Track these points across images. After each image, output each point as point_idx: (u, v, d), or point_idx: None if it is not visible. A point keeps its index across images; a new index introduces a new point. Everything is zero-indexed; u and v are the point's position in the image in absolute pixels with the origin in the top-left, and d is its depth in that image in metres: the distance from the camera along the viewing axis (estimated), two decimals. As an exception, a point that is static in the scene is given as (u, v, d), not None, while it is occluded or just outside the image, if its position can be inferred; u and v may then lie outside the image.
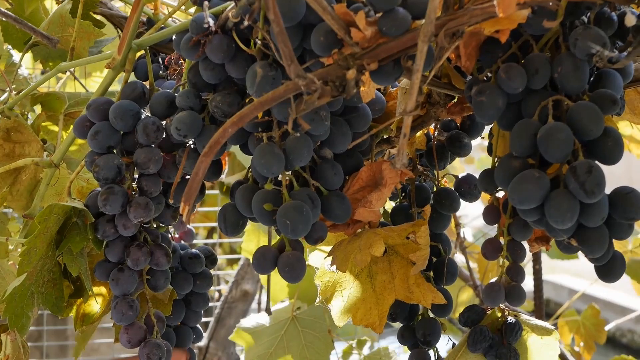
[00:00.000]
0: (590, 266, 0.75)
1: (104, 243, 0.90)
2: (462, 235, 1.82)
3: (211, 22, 0.75)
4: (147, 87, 0.91)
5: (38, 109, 1.25)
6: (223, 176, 1.87)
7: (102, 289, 0.99)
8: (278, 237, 0.83)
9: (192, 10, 1.05)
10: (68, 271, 0.91)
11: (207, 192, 2.77)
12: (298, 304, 1.46)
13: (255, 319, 1.45)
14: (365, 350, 1.89)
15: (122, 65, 0.90)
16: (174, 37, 0.85)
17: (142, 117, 0.87)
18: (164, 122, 0.87)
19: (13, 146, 1.14)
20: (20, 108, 1.15)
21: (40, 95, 1.18)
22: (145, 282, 0.92)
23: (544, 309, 1.89)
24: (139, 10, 0.87)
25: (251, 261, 0.88)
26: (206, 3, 0.74)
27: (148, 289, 0.92)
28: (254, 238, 1.75)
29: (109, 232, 0.88)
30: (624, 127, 1.67)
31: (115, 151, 0.88)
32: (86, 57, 1.34)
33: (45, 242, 0.87)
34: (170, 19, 0.99)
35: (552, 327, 0.88)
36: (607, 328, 2.24)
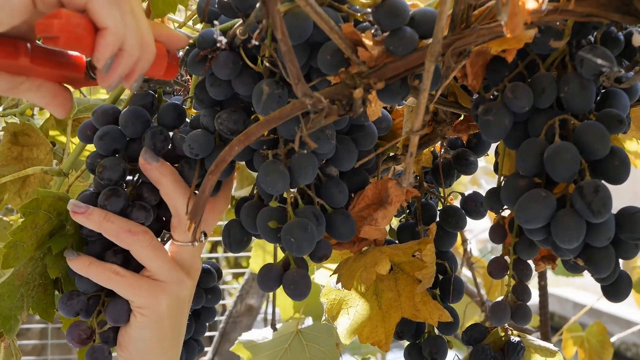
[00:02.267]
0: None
1: (85, 243, 0.89)
2: (468, 251, 1.81)
3: (219, 39, 0.75)
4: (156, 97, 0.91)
5: (46, 113, 1.26)
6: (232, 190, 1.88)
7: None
8: (283, 255, 0.83)
9: (199, 26, 1.05)
10: (59, 279, 0.90)
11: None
12: (304, 319, 1.46)
13: (259, 333, 1.45)
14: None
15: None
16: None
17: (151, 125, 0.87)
18: (170, 133, 0.87)
19: (21, 149, 1.14)
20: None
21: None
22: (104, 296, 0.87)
23: (549, 324, 1.88)
24: (152, 14, 0.88)
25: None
26: (216, 22, 0.74)
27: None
28: (261, 253, 1.75)
29: (94, 232, 0.86)
30: (629, 142, 1.67)
31: (118, 156, 0.88)
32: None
33: (34, 239, 0.85)
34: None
35: (556, 349, 0.88)
36: (612, 340, 2.22)
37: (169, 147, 0.87)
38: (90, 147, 1.23)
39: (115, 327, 0.87)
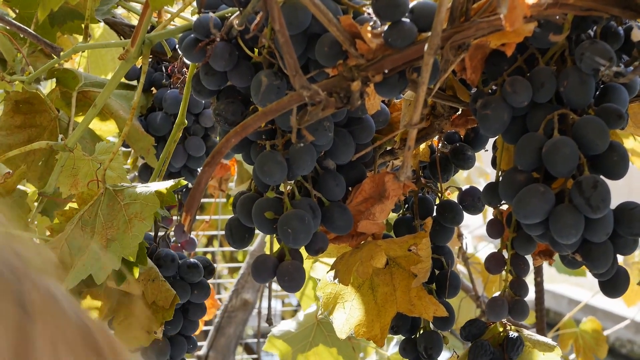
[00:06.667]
0: (590, 276, 0.75)
1: None
2: (464, 246, 1.82)
3: (213, 31, 0.74)
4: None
5: (52, 84, 1.25)
6: (232, 186, 1.87)
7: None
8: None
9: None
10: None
11: (208, 200, 2.77)
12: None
13: (284, 325, 1.47)
14: (390, 350, 1.87)
15: (135, 57, 0.90)
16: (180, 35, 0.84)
17: None
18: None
19: (24, 117, 1.14)
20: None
21: (57, 70, 1.17)
22: None
23: (545, 320, 1.88)
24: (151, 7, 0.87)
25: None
26: (212, 15, 0.74)
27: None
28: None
29: None
30: (626, 139, 1.67)
31: None
32: (102, 42, 1.37)
33: None
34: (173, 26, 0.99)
35: (554, 344, 0.88)
36: (605, 334, 2.22)
37: None
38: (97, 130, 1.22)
39: None
